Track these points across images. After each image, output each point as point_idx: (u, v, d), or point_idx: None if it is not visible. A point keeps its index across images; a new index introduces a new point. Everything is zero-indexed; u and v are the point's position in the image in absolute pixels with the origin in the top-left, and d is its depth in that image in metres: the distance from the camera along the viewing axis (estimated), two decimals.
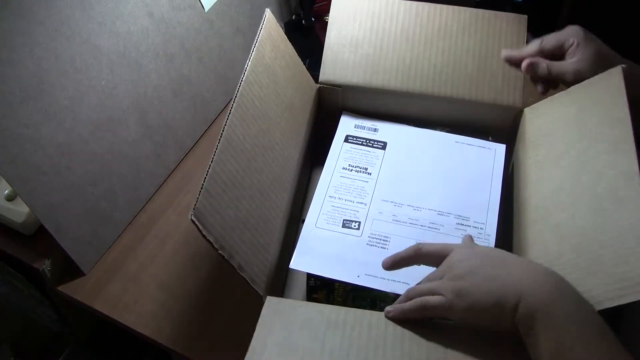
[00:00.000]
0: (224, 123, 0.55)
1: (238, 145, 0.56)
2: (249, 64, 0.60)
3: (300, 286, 0.66)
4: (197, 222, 0.48)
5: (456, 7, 0.72)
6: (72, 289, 0.69)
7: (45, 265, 0.68)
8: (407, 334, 0.49)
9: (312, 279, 0.60)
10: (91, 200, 0.68)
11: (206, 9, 0.80)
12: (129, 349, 0.92)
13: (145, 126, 0.74)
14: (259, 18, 0.67)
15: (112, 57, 0.67)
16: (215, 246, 0.49)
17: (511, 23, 0.71)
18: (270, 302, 0.52)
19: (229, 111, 0.56)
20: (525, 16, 0.71)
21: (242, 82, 0.59)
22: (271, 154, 0.62)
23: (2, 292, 0.78)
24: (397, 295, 0.57)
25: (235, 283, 0.55)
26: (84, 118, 0.65)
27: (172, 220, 0.76)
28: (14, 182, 0.58)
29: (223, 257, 0.50)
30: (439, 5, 0.73)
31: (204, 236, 0.48)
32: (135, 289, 0.69)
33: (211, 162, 0.52)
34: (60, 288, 0.69)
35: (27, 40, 0.57)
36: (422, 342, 0.48)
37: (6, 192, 0.71)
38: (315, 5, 1.00)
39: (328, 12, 0.76)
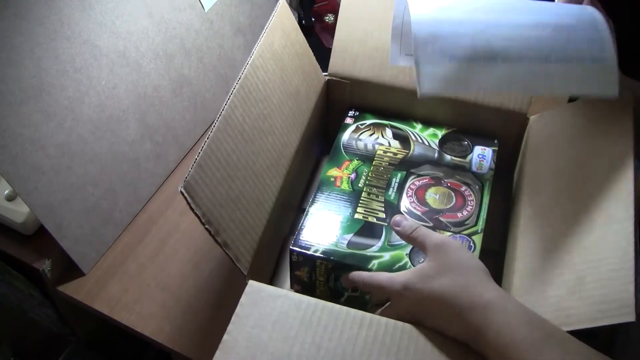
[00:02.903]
0: (225, 103, 0.55)
1: (237, 126, 0.56)
2: (256, 48, 0.61)
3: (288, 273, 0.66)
4: (186, 195, 0.48)
5: None
6: (72, 289, 0.69)
7: (45, 265, 0.68)
8: (379, 340, 0.48)
9: (295, 255, 0.59)
10: (91, 200, 0.68)
11: (206, 9, 0.80)
12: (129, 349, 0.92)
13: (145, 126, 0.74)
14: (259, 18, 0.67)
15: (112, 57, 0.67)
16: (203, 220, 0.49)
17: None
18: (251, 288, 0.52)
19: (231, 91, 0.56)
20: None
21: (247, 65, 0.59)
22: (270, 139, 0.62)
23: (2, 292, 0.78)
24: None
25: (235, 283, 0.55)
26: (84, 118, 0.65)
27: (172, 220, 0.76)
28: (14, 182, 0.58)
29: (210, 232, 0.50)
30: None
31: (192, 209, 0.48)
32: (135, 289, 0.69)
33: (207, 138, 0.52)
34: (60, 288, 0.69)
35: (27, 40, 0.57)
36: (392, 351, 0.47)
37: (6, 192, 0.71)
38: (315, 6, 1.00)
39: (328, 12, 0.76)
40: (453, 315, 0.47)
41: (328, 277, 0.60)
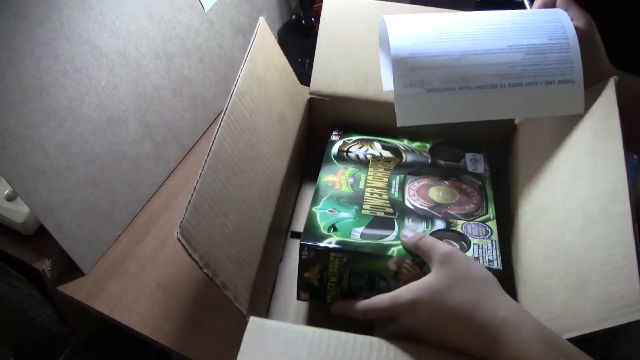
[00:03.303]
0: (214, 135, 0.53)
1: (227, 160, 0.55)
2: (240, 74, 0.58)
3: (286, 300, 0.65)
4: (182, 241, 0.46)
5: (454, 11, 0.69)
6: (72, 289, 0.69)
7: (45, 265, 0.68)
8: None
9: (306, 250, 0.56)
10: (91, 200, 0.68)
11: (206, 9, 0.80)
12: (129, 349, 0.92)
13: (145, 126, 0.74)
14: (259, 18, 0.67)
15: (112, 57, 0.67)
16: (200, 264, 0.47)
17: None
18: (253, 324, 0.50)
19: (219, 123, 0.54)
20: None
21: (233, 94, 0.57)
22: (259, 167, 0.61)
23: (2, 292, 0.78)
24: (396, 270, 0.54)
25: None
26: (84, 118, 0.65)
27: (172, 220, 0.76)
28: (14, 182, 0.58)
29: (208, 275, 0.48)
30: (435, 10, 0.70)
31: (189, 254, 0.46)
32: (135, 289, 0.69)
33: (199, 177, 0.50)
34: (60, 288, 0.69)
35: (27, 40, 0.57)
36: None
37: (6, 192, 0.71)
38: (315, 5, 1.00)
39: None
40: (467, 331, 0.46)
41: (341, 276, 0.56)
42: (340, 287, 0.57)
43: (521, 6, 0.62)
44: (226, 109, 0.56)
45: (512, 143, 0.71)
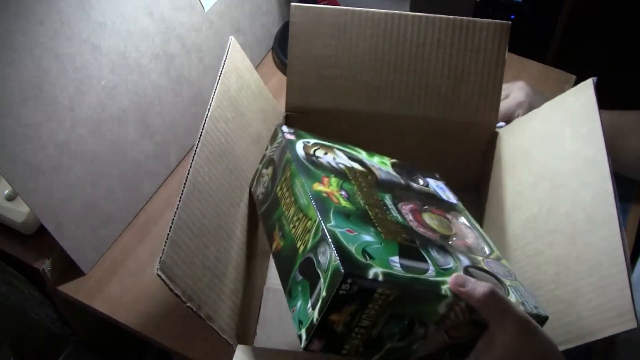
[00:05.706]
0: (190, 165, 0.52)
1: (204, 188, 0.53)
2: (213, 99, 0.56)
3: (272, 323, 0.63)
4: (163, 276, 0.44)
5: (430, 16, 0.65)
6: (72, 289, 0.69)
7: (45, 265, 0.68)
8: None
9: (349, 283, 0.40)
10: (91, 200, 0.68)
11: (206, 9, 0.80)
12: (129, 349, 0.92)
13: (145, 126, 0.74)
14: (259, 18, 0.66)
15: (112, 57, 0.67)
16: (183, 298, 0.46)
17: (492, 31, 0.65)
18: (240, 351, 0.49)
19: (194, 152, 0.53)
20: (508, 23, 0.65)
21: (206, 120, 0.55)
22: (239, 193, 0.59)
23: (2, 292, 0.78)
24: (444, 314, 0.44)
25: None
26: (84, 118, 0.65)
27: None
28: (14, 182, 0.58)
29: (191, 309, 0.46)
30: (410, 16, 0.66)
31: (171, 290, 0.45)
32: (135, 289, 0.69)
33: (176, 209, 0.49)
34: (60, 288, 0.69)
35: (28, 40, 0.57)
36: None
37: (6, 192, 0.71)
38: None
39: None
40: None
41: (377, 320, 0.43)
42: (368, 335, 0.43)
43: (520, 6, 0.61)
44: (200, 136, 0.54)
45: (495, 149, 0.69)
